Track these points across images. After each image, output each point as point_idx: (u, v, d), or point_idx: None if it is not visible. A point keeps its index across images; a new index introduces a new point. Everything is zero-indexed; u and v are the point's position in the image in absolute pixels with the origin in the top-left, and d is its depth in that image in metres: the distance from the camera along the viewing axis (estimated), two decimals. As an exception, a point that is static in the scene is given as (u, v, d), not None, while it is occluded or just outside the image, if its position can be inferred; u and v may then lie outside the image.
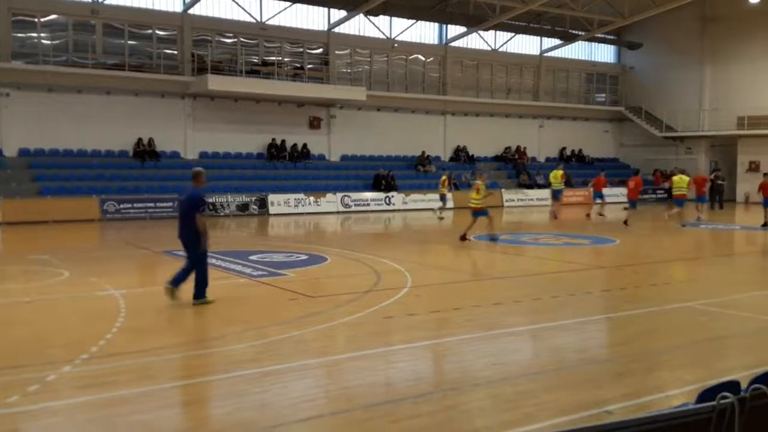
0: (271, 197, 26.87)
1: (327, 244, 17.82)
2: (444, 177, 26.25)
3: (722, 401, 3.16)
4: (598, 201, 26.65)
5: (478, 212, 17.65)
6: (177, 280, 9.55)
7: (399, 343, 7.68)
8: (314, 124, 31.13)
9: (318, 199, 27.75)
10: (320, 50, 31.83)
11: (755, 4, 31.06)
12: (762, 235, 20.60)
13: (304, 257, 14.10)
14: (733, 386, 3.41)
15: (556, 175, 26.11)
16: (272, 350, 7.42)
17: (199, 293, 9.58)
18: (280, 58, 30.75)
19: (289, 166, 29.63)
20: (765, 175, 22.70)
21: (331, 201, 28.03)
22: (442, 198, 26.27)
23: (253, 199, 26.80)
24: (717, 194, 29.84)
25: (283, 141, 30.15)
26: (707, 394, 3.40)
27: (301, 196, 27.45)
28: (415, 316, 8.92)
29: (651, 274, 12.92)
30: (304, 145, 30.48)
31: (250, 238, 20.23)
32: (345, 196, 28.47)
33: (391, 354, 7.31)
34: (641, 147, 39.43)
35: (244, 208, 26.40)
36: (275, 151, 29.83)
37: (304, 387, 6.52)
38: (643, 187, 24.78)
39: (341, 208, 28.09)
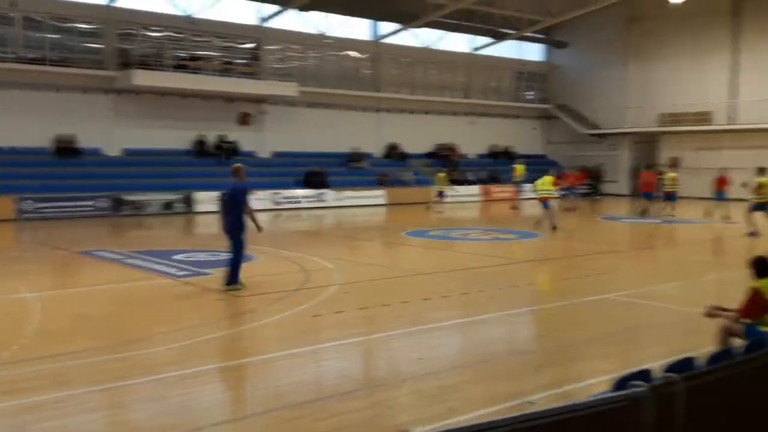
0: (198, 195, 26.26)
1: (255, 242, 17.40)
2: (442, 174, 27.93)
3: (635, 390, 3.26)
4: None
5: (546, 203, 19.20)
6: (231, 275, 10.04)
7: (327, 341, 7.63)
8: (245, 120, 30.64)
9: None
10: (251, 45, 31.35)
11: (676, 5, 32.27)
12: (682, 228, 21.44)
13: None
14: (645, 375, 3.52)
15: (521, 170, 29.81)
16: (196, 351, 7.25)
17: (233, 279, 9.99)
18: (209, 52, 30.13)
19: (218, 162, 29.03)
20: (721, 170, 23.63)
21: (261, 198, 27.55)
22: (441, 194, 27.56)
23: (179, 197, 26.15)
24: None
25: (215, 137, 29.55)
26: (621, 383, 3.50)
27: (230, 193, 26.93)
28: (344, 314, 8.88)
29: (574, 267, 13.28)
30: (234, 142, 29.95)
31: (174, 237, 19.75)
32: (276, 193, 28.10)
33: (319, 352, 7.25)
34: (568, 144, 40.45)
35: (168, 206, 25.71)
36: (203, 147, 29.21)
37: (229, 388, 6.42)
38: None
39: (272, 206, 27.71)
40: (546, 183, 19.31)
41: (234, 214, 10.03)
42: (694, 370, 3.62)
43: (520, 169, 30.01)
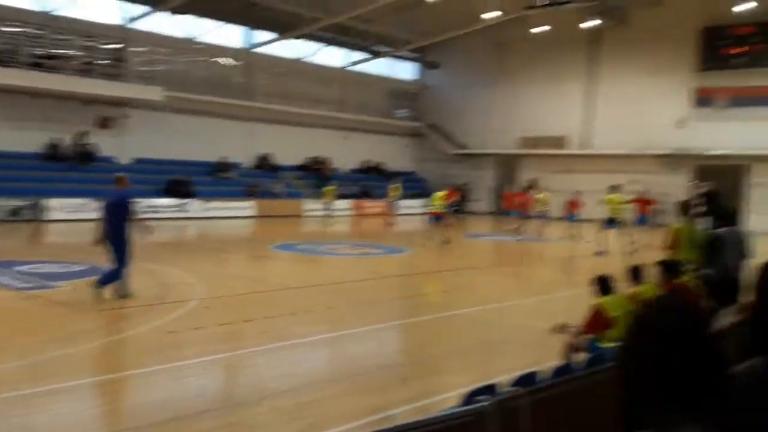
0: (49, 201, 24.49)
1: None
2: (332, 187, 28.71)
3: (482, 403, 3.34)
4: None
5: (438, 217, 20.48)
6: (106, 280, 9.78)
7: (184, 358, 7.30)
8: (104, 123, 29.03)
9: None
10: (115, 46, 29.83)
11: (537, 34, 34.24)
12: (539, 247, 22.61)
13: (82, 268, 12.92)
14: (492, 389, 3.62)
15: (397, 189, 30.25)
16: (40, 369, 6.71)
17: (104, 283, 9.72)
18: (69, 51, 28.35)
19: (73, 167, 27.29)
20: (574, 194, 24.88)
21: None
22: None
23: (27, 203, 24.24)
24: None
25: (72, 140, 27.77)
26: (470, 397, 3.58)
27: (85, 200, 25.32)
28: (203, 330, 8.57)
29: (437, 282, 13.62)
30: (92, 146, 28.29)
31: (20, 246, 18.29)
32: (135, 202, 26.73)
33: (175, 370, 6.93)
34: (437, 162, 41.66)
35: (15, 213, 23.77)
36: (57, 151, 27.36)
37: (77, 408, 6.00)
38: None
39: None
40: (438, 198, 20.55)
41: (116, 223, 9.85)
42: (538, 383, 3.78)
43: (396, 188, 30.39)
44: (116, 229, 9.83)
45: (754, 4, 28.61)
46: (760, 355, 1.98)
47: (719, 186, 22.09)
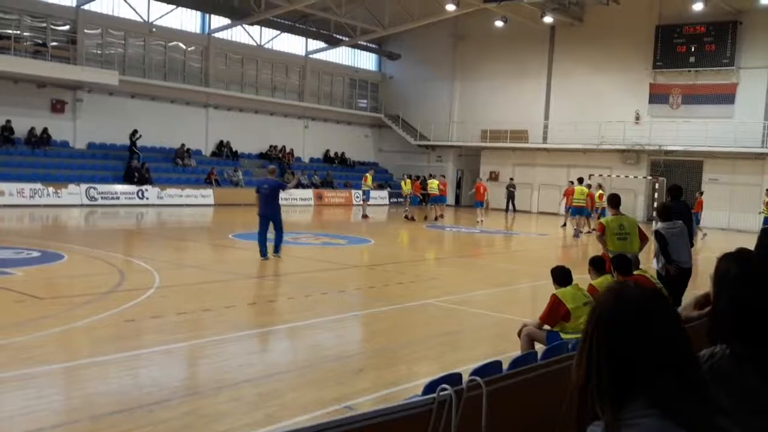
0: (1, 186, 23.79)
1: (66, 240, 16.20)
2: (367, 174, 28.33)
3: (442, 393, 3.36)
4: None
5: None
6: (277, 247, 13.70)
7: (140, 347, 7.18)
8: (57, 107, 28.28)
9: (58, 191, 25.11)
10: (67, 27, 29.02)
11: (498, 28, 34.46)
12: (499, 238, 22.83)
13: (36, 254, 12.61)
14: (454, 378, 3.65)
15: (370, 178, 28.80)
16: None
17: (279, 248, 13.76)
18: (19, 32, 27.46)
19: (26, 152, 26.56)
20: (570, 183, 25.32)
21: (74, 193, 25.56)
22: (366, 193, 28.17)
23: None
24: (510, 200, 33.65)
25: (25, 124, 26.95)
26: (431, 387, 3.60)
27: (39, 186, 24.67)
28: (160, 319, 8.43)
29: (399, 273, 13.65)
30: (45, 130, 27.54)
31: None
32: (91, 187, 26.16)
33: (130, 360, 6.80)
34: (398, 153, 41.70)
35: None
36: (8, 134, 26.55)
37: (24, 398, 5.83)
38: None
39: (86, 201, 25.77)
40: (434, 185, 26.20)
41: (274, 202, 13.58)
42: (498, 373, 3.82)
43: (369, 177, 29.08)
44: (275, 207, 13.51)
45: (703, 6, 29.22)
46: (720, 344, 2.01)
47: (676, 181, 22.72)
